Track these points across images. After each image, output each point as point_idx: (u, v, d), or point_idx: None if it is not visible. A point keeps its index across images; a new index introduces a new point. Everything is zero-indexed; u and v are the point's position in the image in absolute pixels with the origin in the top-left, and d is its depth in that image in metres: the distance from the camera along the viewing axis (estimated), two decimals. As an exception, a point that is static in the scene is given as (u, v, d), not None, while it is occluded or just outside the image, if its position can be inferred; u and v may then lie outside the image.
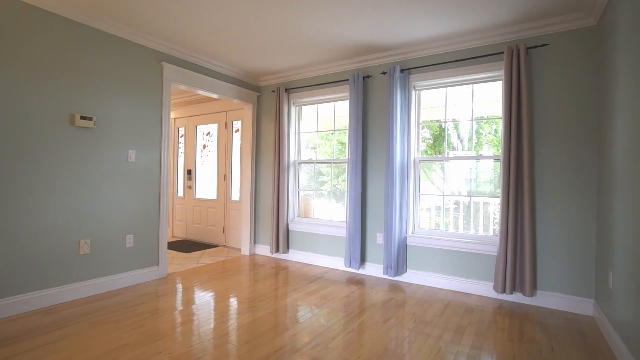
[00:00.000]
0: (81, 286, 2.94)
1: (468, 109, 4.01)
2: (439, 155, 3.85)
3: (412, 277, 3.57)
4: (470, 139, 5.07)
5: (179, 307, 2.77)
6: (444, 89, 3.59)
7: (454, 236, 3.42)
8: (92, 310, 2.65)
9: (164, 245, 3.60)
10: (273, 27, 3.11)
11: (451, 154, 3.81)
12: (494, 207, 4.69)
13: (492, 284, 3.14)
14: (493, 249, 3.14)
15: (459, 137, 5.33)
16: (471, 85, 3.44)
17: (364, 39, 3.34)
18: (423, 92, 3.72)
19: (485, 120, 3.67)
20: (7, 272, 2.53)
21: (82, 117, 2.91)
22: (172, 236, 5.99)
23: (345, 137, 5.28)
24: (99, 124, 3.06)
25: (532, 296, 2.86)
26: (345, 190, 4.58)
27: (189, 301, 2.90)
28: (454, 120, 3.73)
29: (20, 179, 2.59)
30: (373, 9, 2.76)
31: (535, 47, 2.92)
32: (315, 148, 4.72)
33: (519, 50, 2.92)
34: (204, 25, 3.11)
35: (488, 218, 4.84)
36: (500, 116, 3.34)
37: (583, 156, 2.81)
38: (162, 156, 3.58)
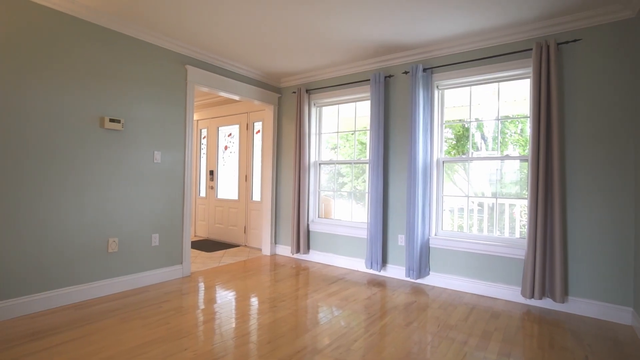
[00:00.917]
0: (110, 283, 3.03)
1: (493, 108, 3.90)
2: (463, 156, 3.76)
3: (435, 279, 3.50)
4: (494, 139, 4.92)
5: (203, 305, 2.81)
6: (468, 87, 3.50)
7: (478, 238, 3.33)
8: (120, 307, 2.73)
9: (187, 245, 3.68)
10: (294, 28, 3.12)
11: (475, 154, 3.71)
12: (520, 209, 4.54)
13: (520, 288, 3.03)
14: (520, 252, 3.03)
15: (482, 137, 5.19)
16: (497, 83, 3.34)
17: (385, 38, 3.30)
18: (446, 92, 3.64)
19: (510, 120, 3.56)
20: (42, 269, 2.64)
21: (111, 120, 3.01)
22: (195, 235, 6.12)
23: (365, 138, 5.25)
24: (126, 126, 3.15)
25: (562, 302, 2.74)
26: (366, 191, 4.54)
27: (211, 300, 2.95)
28: (477, 119, 3.63)
29: (55, 179, 2.70)
30: (395, 8, 2.72)
31: (567, 42, 2.80)
32: (335, 148, 4.71)
33: (548, 46, 2.82)
34: (226, 29, 3.16)
35: (514, 220, 4.69)
36: (528, 115, 3.23)
37: (620, 156, 2.67)
38: (186, 157, 3.66)
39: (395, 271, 3.75)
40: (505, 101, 4.17)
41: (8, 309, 2.47)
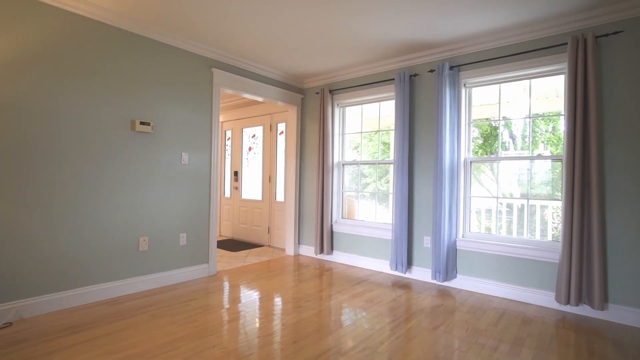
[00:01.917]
0: (140, 280, 3.14)
1: (523, 105, 3.76)
2: (492, 156, 3.64)
3: (462, 282, 3.41)
4: (523, 138, 4.74)
5: (229, 304, 2.86)
6: (497, 85, 3.39)
7: (508, 241, 3.21)
8: (150, 304, 2.82)
9: (213, 244, 3.75)
10: (317, 29, 3.12)
11: (502, 153, 3.59)
12: (552, 211, 4.35)
13: (554, 293, 2.90)
14: (553, 256, 2.90)
15: (510, 136, 5.01)
16: (528, 80, 3.22)
17: (410, 36, 3.25)
18: (474, 90, 3.54)
19: (541, 117, 3.41)
20: (79, 265, 2.77)
21: (142, 123, 3.12)
22: (220, 235, 6.24)
23: (388, 138, 5.18)
24: (156, 128, 3.26)
25: (602, 309, 2.60)
26: (389, 191, 4.48)
27: (237, 299, 2.99)
28: (505, 118, 3.50)
29: (90, 180, 2.82)
30: (421, 6, 2.67)
31: (606, 35, 2.65)
32: (357, 148, 4.68)
33: (585, 39, 2.68)
34: (252, 32, 3.20)
35: (545, 222, 4.50)
36: (562, 113, 3.09)
37: (664, 155, 2.51)
38: (212, 158, 3.73)
39: (421, 273, 3.68)
40: (536, 98, 4.01)
41: (49, 303, 2.60)
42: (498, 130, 3.50)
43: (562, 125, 3.25)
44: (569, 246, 2.69)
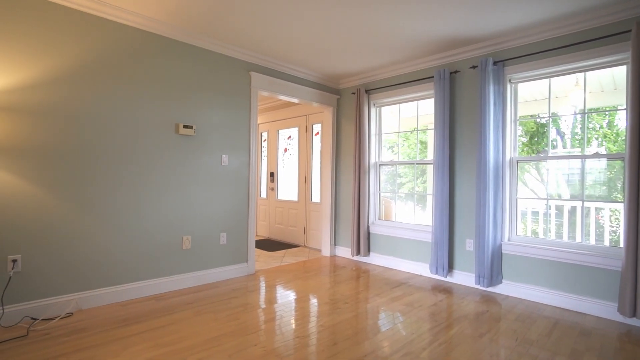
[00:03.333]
0: (184, 277, 3.27)
1: (574, 100, 3.50)
2: (540, 154, 3.43)
3: (508, 289, 3.23)
4: (574, 135, 4.42)
5: (268, 303, 2.90)
6: (546, 80, 3.18)
7: (559, 245, 3.00)
8: (193, 300, 2.92)
9: (252, 244, 3.83)
10: (353, 29, 3.10)
11: (550, 152, 3.36)
12: (609, 214, 4.02)
13: (616, 304, 2.66)
14: (613, 262, 2.67)
15: (558, 133, 4.69)
16: (582, 73, 2.99)
17: (450, 32, 3.13)
18: (520, 85, 3.35)
19: (596, 112, 3.16)
20: (129, 262, 2.93)
21: (185, 126, 3.25)
22: (256, 235, 6.37)
23: (425, 137, 5.04)
24: (197, 131, 3.38)
25: (672, 323, 2.35)
26: (427, 192, 4.35)
27: (276, 299, 3.03)
28: (554, 114, 3.28)
29: (138, 181, 2.98)
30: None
31: (675, 20, 2.41)
32: (392, 148, 4.59)
33: (650, 26, 2.44)
34: (287, 34, 3.24)
35: (601, 226, 4.16)
36: (621, 107, 2.84)
37: None
38: (251, 160, 3.82)
39: (463, 277, 3.53)
40: (590, 92, 3.73)
41: (104, 296, 2.78)
42: (547, 128, 3.29)
43: (619, 120, 2.99)
44: (634, 253, 2.46)
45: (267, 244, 5.52)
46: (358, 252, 4.37)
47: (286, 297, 3.07)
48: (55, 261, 2.56)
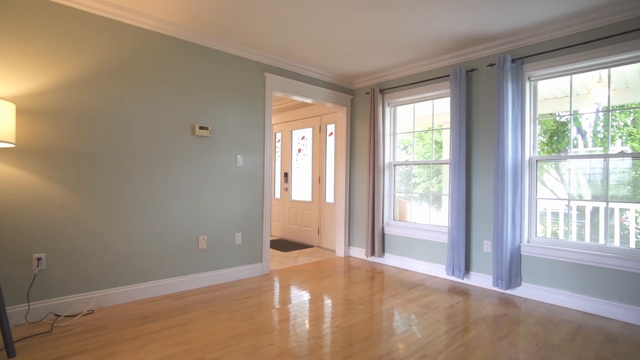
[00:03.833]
0: (200, 277, 3.31)
1: (597, 97, 3.40)
2: (561, 154, 3.34)
3: (527, 291, 3.15)
4: (595, 134, 4.29)
5: (283, 303, 2.91)
6: (567, 77, 3.09)
7: (582, 247, 2.91)
8: (209, 300, 2.96)
9: (266, 244, 3.85)
10: (367, 28, 3.08)
11: (571, 151, 3.26)
12: (636, 215, 3.88)
13: (641, 308, 2.57)
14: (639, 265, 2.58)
15: (579, 132, 4.56)
16: (607, 69, 2.89)
17: (466, 30, 3.08)
18: (539, 83, 3.27)
19: (620, 110, 3.05)
20: (146, 261, 2.99)
21: (201, 127, 3.29)
22: (270, 235, 6.41)
23: (440, 137, 4.97)
24: (213, 132, 3.42)
25: (703, 329, 2.25)
26: (442, 192, 4.29)
27: (291, 299, 3.04)
28: (575, 112, 3.18)
29: (156, 181, 3.04)
30: (482, -5, 2.52)
31: None
32: (406, 148, 4.55)
33: (679, 20, 2.35)
34: (301, 35, 3.24)
35: (625, 228, 4.02)
36: (649, 104, 2.73)
37: None
38: (265, 160, 3.84)
39: (480, 279, 3.46)
40: (613, 89, 3.62)
41: (123, 294, 2.84)
42: (568, 126, 3.20)
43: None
44: (661, 255, 2.36)
45: (281, 244, 5.54)
46: (372, 253, 4.34)
47: (301, 297, 3.07)
48: (77, 260, 2.63)
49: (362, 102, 4.71)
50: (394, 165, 4.41)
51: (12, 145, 2.28)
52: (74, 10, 2.60)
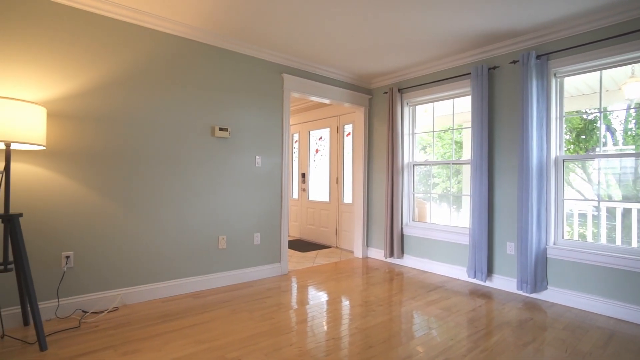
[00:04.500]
0: (220, 276, 3.36)
1: (627, 93, 3.25)
2: (590, 153, 3.20)
3: (554, 295, 3.04)
4: (626, 131, 4.11)
5: (301, 304, 2.91)
6: (596, 72, 2.97)
7: (614, 251, 2.78)
8: (229, 299, 2.99)
9: (285, 244, 3.87)
10: (386, 28, 3.05)
11: (600, 149, 3.12)
12: (670, 217, 3.68)
13: (679, 315, 2.43)
14: (678, 270, 2.44)
15: (609, 129, 4.36)
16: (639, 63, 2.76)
17: (488, 26, 3.00)
18: (566, 80, 3.15)
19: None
20: (168, 261, 3.05)
21: (220, 129, 3.34)
22: (288, 236, 6.43)
23: (460, 136, 4.87)
24: (232, 133, 3.46)
25: None
26: (462, 193, 4.20)
27: (309, 299, 3.04)
28: (604, 109, 3.05)
29: (177, 182, 3.10)
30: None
31: None
32: (425, 148, 4.47)
33: None
34: (319, 35, 3.24)
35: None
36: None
37: None
38: (283, 161, 3.86)
39: (503, 282, 3.37)
40: (646, 85, 3.45)
41: (146, 292, 2.91)
42: (596, 124, 3.07)
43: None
44: (701, 259, 2.23)
45: (299, 245, 5.55)
46: (391, 254, 4.29)
47: (319, 298, 3.07)
48: (102, 258, 2.72)
49: (380, 102, 4.66)
50: (413, 165, 4.35)
51: (43, 148, 2.38)
52: (100, 17, 2.69)
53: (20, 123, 2.01)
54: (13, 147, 2.22)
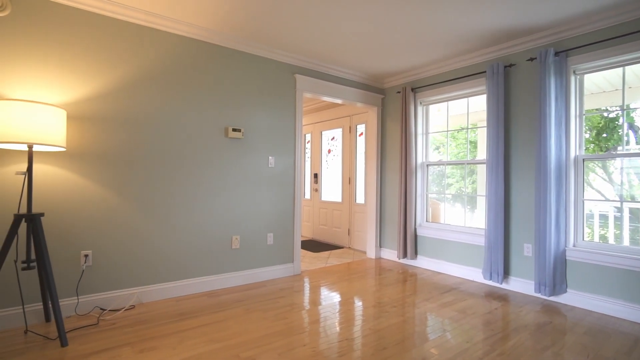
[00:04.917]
0: (233, 276, 3.38)
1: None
2: (611, 152, 3.10)
3: (574, 298, 2.96)
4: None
5: (315, 304, 2.91)
6: (618, 69, 2.88)
7: (637, 253, 2.69)
8: (243, 298, 3.01)
9: (297, 244, 3.88)
10: (399, 27, 3.02)
11: (623, 148, 3.02)
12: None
13: None
14: None
15: (631, 128, 4.22)
16: (663, 59, 2.66)
17: (504, 23, 2.94)
18: (585, 77, 3.06)
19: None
20: (183, 260, 3.09)
21: (234, 130, 3.37)
22: (301, 236, 6.44)
23: (474, 136, 4.79)
24: (245, 134, 3.49)
25: None
26: (476, 193, 4.13)
27: (322, 300, 3.03)
28: (627, 107, 2.95)
29: (191, 182, 3.14)
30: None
31: None
32: (438, 148, 4.42)
33: None
34: (331, 35, 3.23)
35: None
36: None
37: None
38: (296, 161, 3.87)
39: (520, 285, 3.29)
40: (671, 81, 3.33)
41: (161, 291, 2.95)
42: (618, 122, 2.97)
43: None
44: None
45: (312, 245, 5.56)
46: (405, 255, 4.25)
47: (332, 298, 3.06)
48: (119, 257, 2.78)
49: (393, 102, 4.63)
50: (427, 165, 4.30)
51: (64, 150, 2.44)
52: (119, 22, 2.74)
53: (41, 125, 2.07)
54: (35, 148, 2.29)
